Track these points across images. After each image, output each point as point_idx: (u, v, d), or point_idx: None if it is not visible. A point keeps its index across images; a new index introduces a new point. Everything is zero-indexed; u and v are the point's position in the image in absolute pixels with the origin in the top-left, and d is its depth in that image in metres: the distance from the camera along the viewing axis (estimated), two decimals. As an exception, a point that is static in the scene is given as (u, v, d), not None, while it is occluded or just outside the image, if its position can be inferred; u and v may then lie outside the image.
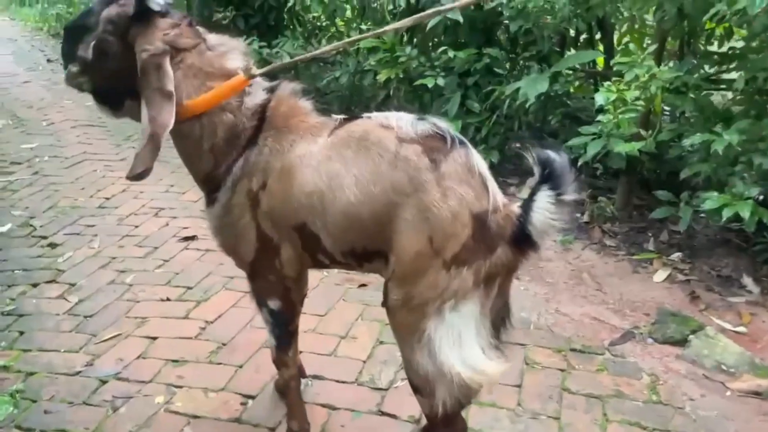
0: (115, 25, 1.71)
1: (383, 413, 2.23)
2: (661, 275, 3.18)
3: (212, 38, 1.80)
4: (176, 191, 4.31)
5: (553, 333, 2.71)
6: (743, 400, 2.30)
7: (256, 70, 1.78)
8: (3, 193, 4.44)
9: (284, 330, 1.96)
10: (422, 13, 1.82)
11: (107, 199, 4.23)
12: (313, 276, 2.62)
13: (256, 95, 1.79)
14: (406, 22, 1.86)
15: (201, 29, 1.81)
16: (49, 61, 10.29)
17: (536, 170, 1.50)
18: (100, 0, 1.76)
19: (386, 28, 2.29)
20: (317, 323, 2.77)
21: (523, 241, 1.51)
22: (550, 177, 1.47)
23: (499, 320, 1.68)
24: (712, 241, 3.45)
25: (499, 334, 1.68)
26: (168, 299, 3.00)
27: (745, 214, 2.72)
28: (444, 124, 1.61)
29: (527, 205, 1.50)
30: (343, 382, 2.40)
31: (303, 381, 2.27)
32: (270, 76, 1.87)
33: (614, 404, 2.26)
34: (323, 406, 2.27)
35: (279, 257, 1.81)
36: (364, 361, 2.52)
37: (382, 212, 1.57)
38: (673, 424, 2.16)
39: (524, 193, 3.92)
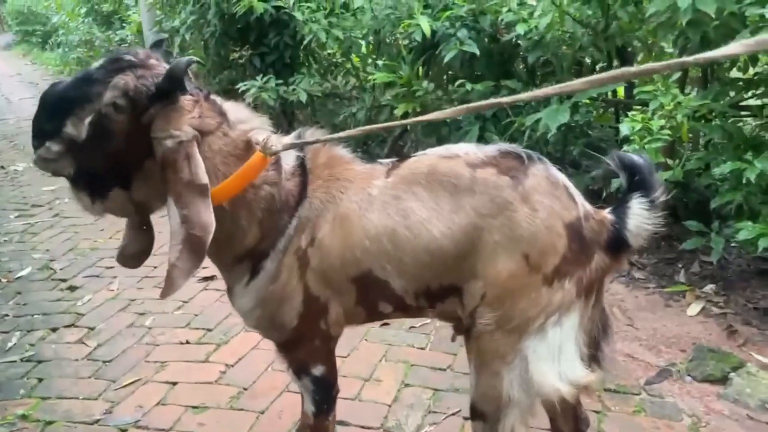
0: (129, 100, 1.43)
1: (412, 461, 2.13)
2: (694, 308, 3.06)
3: (232, 112, 1.59)
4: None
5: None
6: (792, 443, 2.18)
7: (276, 145, 1.53)
8: (24, 236, 4.46)
9: (328, 395, 1.78)
10: (476, 104, 1.34)
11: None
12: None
13: (287, 155, 1.62)
14: (459, 110, 1.39)
15: (217, 99, 1.59)
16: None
17: (623, 175, 1.55)
18: (105, 67, 1.46)
19: (435, 115, 1.59)
20: (340, 365, 2.68)
21: (619, 246, 1.53)
22: (640, 182, 1.52)
23: (596, 329, 1.66)
24: (746, 272, 3.33)
25: (600, 343, 1.68)
26: (188, 342, 2.95)
27: (782, 243, 2.62)
28: (511, 145, 1.58)
29: (621, 210, 1.53)
30: (369, 428, 2.31)
31: None
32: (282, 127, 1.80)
33: (655, 449, 2.15)
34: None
35: (326, 318, 1.66)
36: (390, 405, 2.44)
37: (467, 240, 1.51)
38: (720, 470, 2.05)
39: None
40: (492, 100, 1.33)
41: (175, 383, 2.63)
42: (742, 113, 3.28)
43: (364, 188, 1.59)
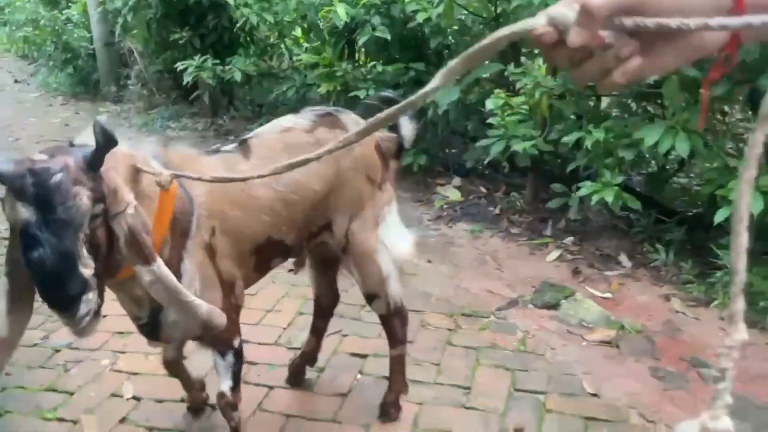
0: (99, 201, 1.37)
1: (294, 365, 2.65)
2: (552, 256, 3.67)
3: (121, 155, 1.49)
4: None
5: (450, 302, 3.17)
6: (595, 348, 2.78)
7: (166, 178, 1.50)
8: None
9: (242, 364, 1.93)
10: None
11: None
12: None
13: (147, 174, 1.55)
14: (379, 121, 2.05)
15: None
16: (16, 81, 10.63)
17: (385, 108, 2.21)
18: (46, 209, 1.28)
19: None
20: (248, 301, 3.20)
21: (401, 151, 2.22)
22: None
23: None
24: (602, 227, 3.95)
25: None
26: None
27: (609, 198, 3.22)
28: (315, 108, 2.10)
29: (397, 129, 2.16)
30: (265, 344, 2.82)
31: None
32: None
33: (487, 353, 2.72)
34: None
35: (234, 292, 1.83)
36: (285, 328, 2.95)
37: (335, 182, 1.99)
38: (533, 366, 2.63)
39: (450, 192, 4.42)
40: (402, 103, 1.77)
41: (105, 315, 3.09)
42: (596, 94, 3.86)
43: (234, 172, 1.75)
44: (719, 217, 2.94)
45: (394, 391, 2.35)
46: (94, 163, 1.34)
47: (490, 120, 3.61)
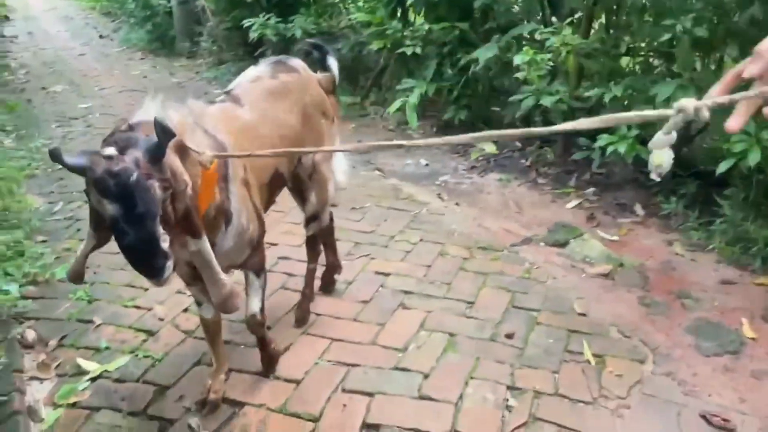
0: (167, 188, 1.54)
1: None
2: (572, 203, 3.98)
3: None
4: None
5: (470, 237, 3.56)
6: (592, 279, 3.12)
7: (208, 158, 1.69)
8: (63, 141, 5.48)
9: (266, 285, 2.23)
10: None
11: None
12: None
13: (194, 134, 1.76)
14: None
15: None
16: (101, 36, 11.44)
17: (316, 52, 2.63)
18: (128, 205, 1.47)
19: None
20: (293, 227, 3.69)
21: (335, 85, 2.61)
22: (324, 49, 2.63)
23: None
24: (623, 180, 4.22)
25: None
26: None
27: (622, 149, 3.51)
28: (270, 57, 2.47)
29: (328, 66, 2.60)
30: (302, 261, 3.30)
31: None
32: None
33: (494, 278, 3.11)
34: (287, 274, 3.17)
35: (263, 221, 2.10)
36: (323, 251, 3.42)
37: (305, 118, 2.38)
38: (533, 290, 3.00)
39: (486, 144, 4.76)
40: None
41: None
42: (622, 53, 4.08)
43: (239, 118, 2.04)
44: (722, 167, 3.19)
45: (306, 299, 2.76)
46: (158, 156, 1.50)
47: (516, 75, 3.91)
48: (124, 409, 2.26)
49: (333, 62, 2.61)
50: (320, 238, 2.80)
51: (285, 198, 2.65)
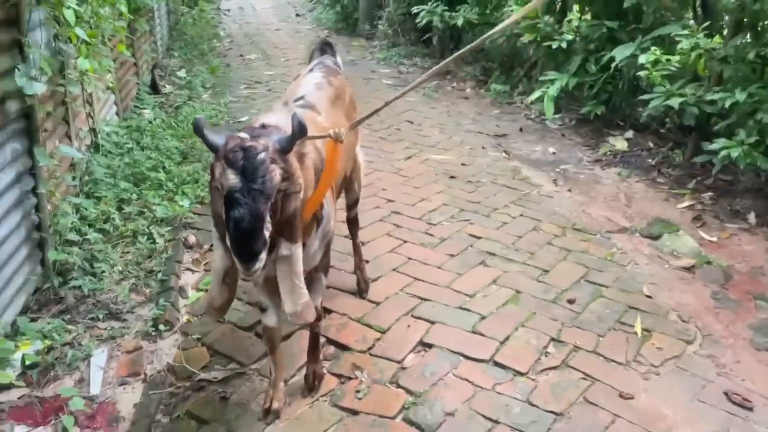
0: (283, 181, 1.69)
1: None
2: (684, 204, 4.06)
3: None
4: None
5: (568, 219, 3.83)
6: (674, 271, 3.28)
7: (341, 132, 2.03)
8: (248, 100, 6.46)
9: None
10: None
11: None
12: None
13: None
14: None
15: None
16: (297, 15, 12.72)
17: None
18: (248, 179, 1.61)
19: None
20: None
21: None
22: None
23: None
24: (746, 189, 4.18)
25: None
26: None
27: (734, 154, 3.57)
28: (318, 60, 2.81)
29: (337, 63, 2.92)
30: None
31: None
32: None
33: (577, 255, 3.39)
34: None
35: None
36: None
37: (348, 118, 2.59)
38: (609, 270, 3.24)
39: (618, 141, 4.93)
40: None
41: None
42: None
43: (320, 124, 2.20)
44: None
45: (359, 268, 2.98)
46: (287, 148, 1.65)
47: (639, 73, 4.05)
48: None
49: (339, 61, 2.93)
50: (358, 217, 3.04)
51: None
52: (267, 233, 1.61)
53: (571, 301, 2.95)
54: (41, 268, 2.95)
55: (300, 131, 1.67)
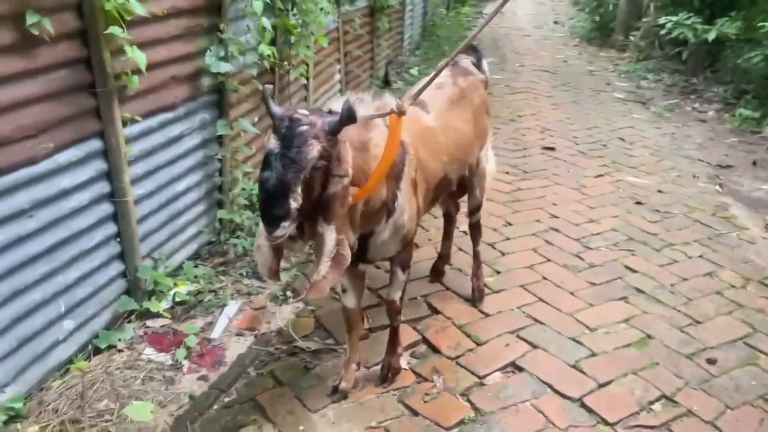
0: (322, 159, 1.69)
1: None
2: None
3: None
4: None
5: (759, 271, 3.25)
6: None
7: (405, 102, 2.01)
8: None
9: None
10: None
11: (519, 116, 5.94)
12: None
13: (376, 128, 2.01)
14: None
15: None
16: (555, 22, 12.46)
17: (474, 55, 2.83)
18: (293, 140, 1.67)
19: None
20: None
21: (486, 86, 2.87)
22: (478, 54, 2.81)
23: None
24: None
25: None
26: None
27: None
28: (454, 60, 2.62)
29: (483, 68, 2.86)
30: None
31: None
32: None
33: (747, 312, 2.89)
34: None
35: (419, 222, 2.28)
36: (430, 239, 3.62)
37: (474, 120, 2.60)
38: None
39: None
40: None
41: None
42: None
43: (422, 122, 2.26)
44: None
45: (476, 275, 2.92)
46: (333, 130, 1.71)
47: None
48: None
49: (486, 65, 2.85)
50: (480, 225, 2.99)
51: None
52: (294, 204, 1.65)
53: (711, 361, 2.53)
54: (219, 225, 3.43)
55: (347, 117, 1.70)
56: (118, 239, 2.70)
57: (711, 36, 6.14)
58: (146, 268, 2.80)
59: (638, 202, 4.04)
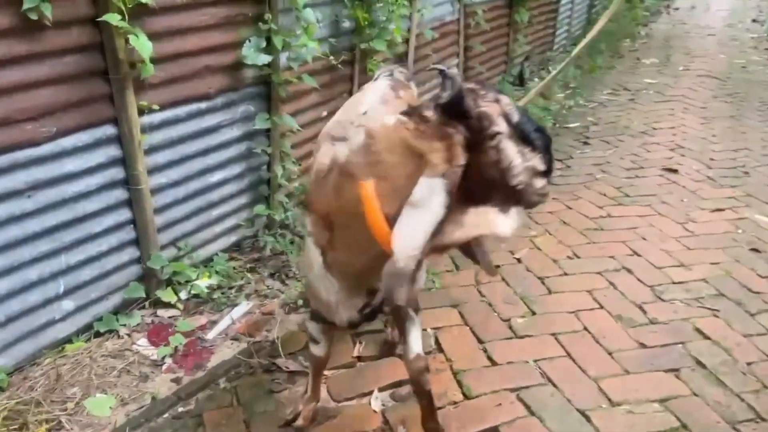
0: None
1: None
2: None
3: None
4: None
5: None
6: None
7: None
8: (598, 107, 5.91)
9: None
10: None
11: (654, 128, 5.20)
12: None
13: None
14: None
15: None
16: (753, 21, 10.83)
17: None
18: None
19: None
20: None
21: None
22: None
23: None
24: None
25: None
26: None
27: None
28: None
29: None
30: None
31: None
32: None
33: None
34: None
35: None
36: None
37: None
38: None
39: None
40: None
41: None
42: None
43: None
44: None
45: None
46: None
47: None
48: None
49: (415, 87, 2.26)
50: None
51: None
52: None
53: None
54: (266, 219, 3.36)
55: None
56: (133, 225, 2.73)
57: None
58: (158, 257, 2.79)
59: (755, 249, 3.29)
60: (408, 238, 1.31)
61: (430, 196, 1.30)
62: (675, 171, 4.30)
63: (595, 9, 9.34)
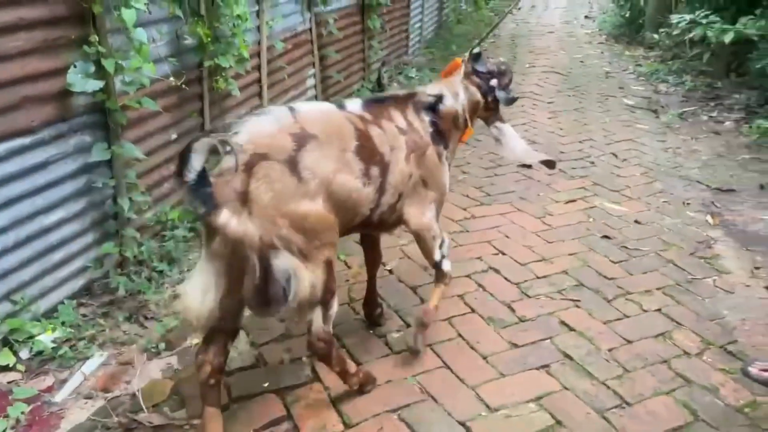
0: None
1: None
2: None
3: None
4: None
5: (726, 334, 2.68)
6: None
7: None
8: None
9: None
10: None
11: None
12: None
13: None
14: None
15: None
16: (586, 17, 11.70)
17: None
18: None
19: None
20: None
21: None
22: None
23: None
24: None
25: None
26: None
27: None
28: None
29: None
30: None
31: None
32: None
33: (696, 391, 2.33)
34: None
35: None
36: (543, 279, 3.10)
37: None
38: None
39: None
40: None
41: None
42: None
43: None
44: None
45: None
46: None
47: None
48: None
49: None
50: None
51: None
52: None
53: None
54: (118, 257, 3.08)
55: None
56: (-47, 285, 2.39)
57: (728, 38, 5.42)
58: (-15, 315, 2.46)
59: (606, 236, 3.49)
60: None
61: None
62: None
63: (445, 11, 9.67)
